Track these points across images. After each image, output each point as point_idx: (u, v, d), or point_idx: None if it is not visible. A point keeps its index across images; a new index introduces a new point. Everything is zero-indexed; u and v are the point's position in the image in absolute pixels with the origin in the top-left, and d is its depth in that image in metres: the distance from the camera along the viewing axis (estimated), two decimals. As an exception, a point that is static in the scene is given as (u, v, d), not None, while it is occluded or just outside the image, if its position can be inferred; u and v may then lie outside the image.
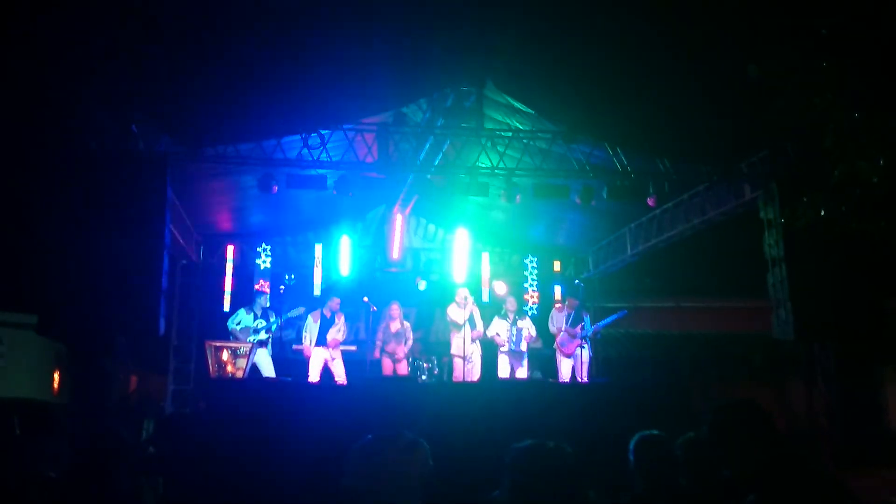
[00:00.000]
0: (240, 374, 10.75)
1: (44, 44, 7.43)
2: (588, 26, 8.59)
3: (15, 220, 8.37)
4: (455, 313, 10.78)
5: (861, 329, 8.69)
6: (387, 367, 10.64)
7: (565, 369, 10.68)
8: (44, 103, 7.65)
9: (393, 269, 13.74)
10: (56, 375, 12.04)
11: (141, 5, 7.82)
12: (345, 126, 9.85)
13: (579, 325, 10.62)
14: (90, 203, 7.91)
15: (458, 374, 10.57)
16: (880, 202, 6.85)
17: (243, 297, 13.23)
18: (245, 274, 13.63)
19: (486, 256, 13.96)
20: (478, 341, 10.77)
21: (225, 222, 13.42)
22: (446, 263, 13.52)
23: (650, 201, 10.06)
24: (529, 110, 9.80)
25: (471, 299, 10.76)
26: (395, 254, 13.39)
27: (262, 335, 10.14)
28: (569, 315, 10.82)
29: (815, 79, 6.36)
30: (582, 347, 10.52)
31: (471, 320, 10.69)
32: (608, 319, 10.84)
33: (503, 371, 10.81)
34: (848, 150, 6.45)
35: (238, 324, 10.28)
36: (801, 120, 7.09)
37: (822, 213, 7.46)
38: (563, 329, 10.79)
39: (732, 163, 9.85)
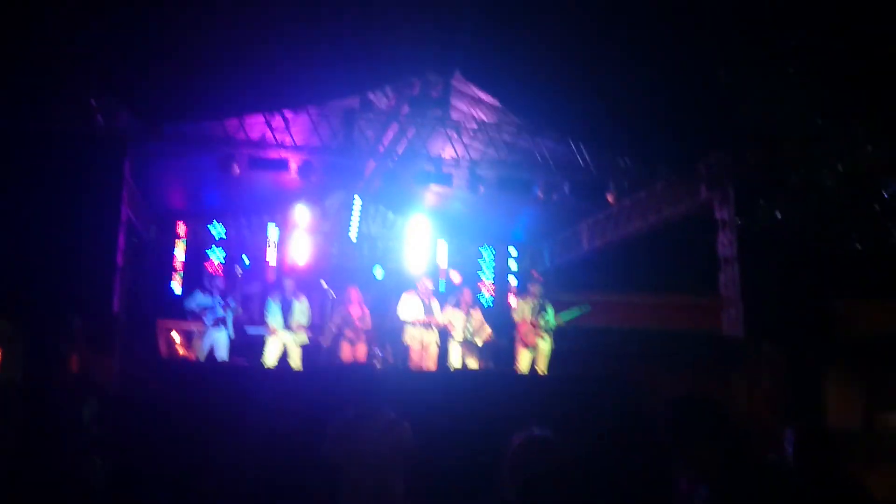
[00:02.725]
0: (192, 355, 10.58)
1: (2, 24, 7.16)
2: (559, 22, 8.65)
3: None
4: (413, 301, 10.75)
5: (808, 329, 9.01)
6: (345, 352, 10.56)
7: (524, 360, 10.71)
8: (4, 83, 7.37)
9: (349, 256, 13.66)
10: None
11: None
12: (309, 108, 9.75)
13: (541, 316, 10.64)
14: (46, 179, 7.67)
15: (413, 362, 10.57)
16: (835, 207, 7.09)
17: (195, 277, 13.00)
18: (197, 254, 13.41)
19: (443, 246, 13.98)
20: (434, 330, 10.76)
21: (178, 201, 13.16)
22: (403, 251, 13.51)
23: (610, 198, 10.21)
24: (496, 103, 9.84)
25: (430, 289, 10.76)
26: (353, 240, 13.31)
27: (220, 312, 9.95)
28: (533, 306, 10.82)
29: (782, 86, 6.54)
30: (542, 339, 10.57)
31: (427, 309, 10.68)
32: (572, 312, 10.87)
33: (455, 360, 10.83)
34: (808, 157, 6.66)
35: (197, 304, 10.08)
36: (764, 125, 7.27)
37: (779, 215, 7.68)
38: (527, 320, 10.78)
39: (691, 163, 10.06)
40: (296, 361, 9.97)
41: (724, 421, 2.60)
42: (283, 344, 10.02)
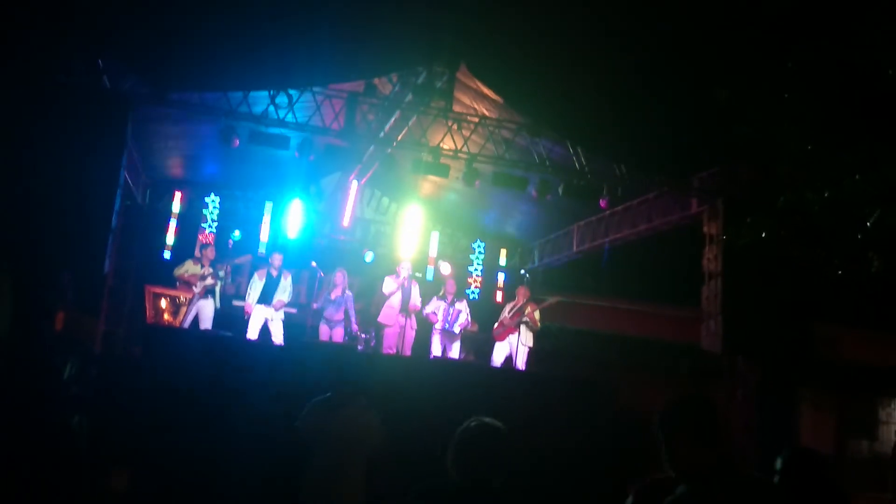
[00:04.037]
0: (177, 322, 10.67)
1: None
2: (566, 26, 8.75)
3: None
4: (388, 284, 10.84)
5: (786, 349, 9.16)
6: (323, 332, 10.68)
7: (499, 354, 10.89)
8: (14, 34, 7.42)
9: (341, 237, 13.76)
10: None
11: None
12: (314, 89, 9.82)
13: (518, 313, 10.81)
14: (49, 134, 7.73)
15: (387, 344, 10.67)
16: (819, 232, 7.23)
17: (186, 245, 13.07)
18: (190, 223, 13.48)
19: (435, 236, 14.10)
20: (414, 316, 10.83)
21: (175, 168, 13.23)
22: (395, 238, 13.61)
23: (602, 203, 10.34)
24: (498, 99, 9.93)
25: (409, 273, 10.83)
26: (346, 222, 13.41)
27: (209, 281, 10.04)
28: (515, 303, 11.00)
29: (777, 109, 6.67)
30: (517, 335, 10.71)
31: (406, 292, 10.72)
32: (540, 306, 11.02)
33: (435, 350, 10.96)
34: (797, 180, 6.80)
35: (186, 271, 10.18)
36: (757, 146, 7.40)
37: (764, 234, 7.81)
38: (506, 315, 10.98)
39: (684, 176, 10.19)
40: (277, 337, 10.07)
41: (718, 426, 2.66)
42: (263, 318, 10.10)
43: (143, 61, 8.40)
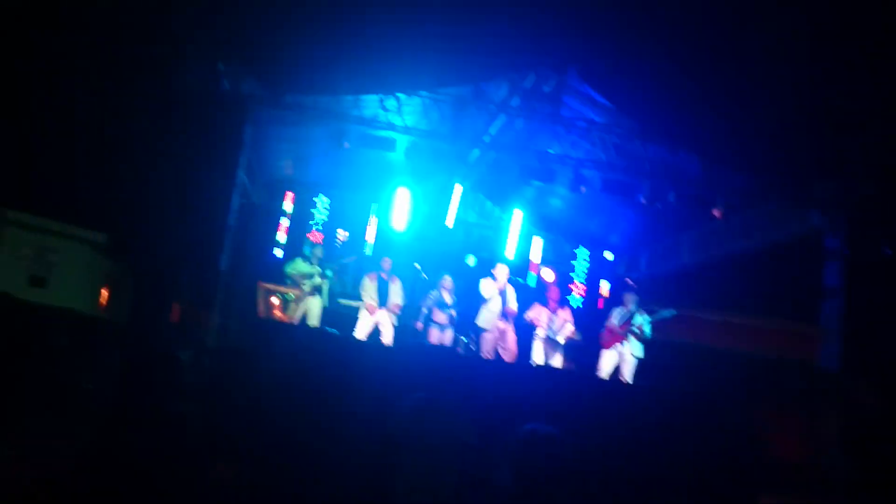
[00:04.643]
0: (286, 319, 11.01)
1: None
2: (680, 29, 8.49)
3: (100, 145, 8.61)
4: (487, 287, 10.73)
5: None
6: (434, 336, 10.74)
7: (606, 363, 10.58)
8: (139, 39, 7.84)
9: (444, 240, 13.82)
10: (104, 292, 12.43)
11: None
12: (422, 93, 9.92)
13: (627, 321, 10.47)
14: (170, 136, 8.14)
15: (485, 349, 10.60)
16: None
17: (295, 243, 13.47)
18: (300, 221, 13.88)
19: (537, 241, 13.97)
20: (512, 321, 10.70)
21: (287, 169, 13.61)
22: (498, 242, 13.57)
23: (716, 212, 9.97)
24: (608, 104, 9.75)
25: (506, 276, 10.71)
26: (450, 225, 13.45)
27: (317, 280, 10.33)
28: (623, 312, 10.66)
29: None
30: (626, 345, 10.40)
31: (504, 297, 10.60)
32: (659, 314, 10.62)
33: (538, 357, 10.82)
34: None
35: (296, 269, 10.50)
36: (882, 158, 6.99)
37: (889, 251, 7.37)
38: (614, 324, 10.68)
39: (805, 187, 9.71)
40: (387, 339, 10.22)
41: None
42: (375, 321, 10.27)
43: (261, 65, 8.71)
